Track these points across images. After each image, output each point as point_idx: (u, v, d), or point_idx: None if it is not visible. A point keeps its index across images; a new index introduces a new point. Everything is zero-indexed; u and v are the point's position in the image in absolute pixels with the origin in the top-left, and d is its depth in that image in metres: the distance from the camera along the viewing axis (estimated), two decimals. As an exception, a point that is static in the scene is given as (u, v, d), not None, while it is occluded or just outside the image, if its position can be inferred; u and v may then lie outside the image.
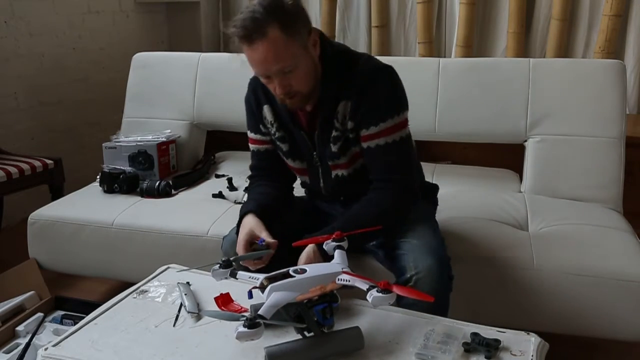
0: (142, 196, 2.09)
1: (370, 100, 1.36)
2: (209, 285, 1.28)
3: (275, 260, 1.33)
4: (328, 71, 1.38)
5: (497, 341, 1.08)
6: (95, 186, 2.20)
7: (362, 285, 1.08)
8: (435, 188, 1.70)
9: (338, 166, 1.47)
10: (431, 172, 2.28)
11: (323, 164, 1.49)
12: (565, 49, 3.00)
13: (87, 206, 2.04)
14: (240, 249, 1.34)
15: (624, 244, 1.68)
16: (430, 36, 3.16)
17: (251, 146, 1.58)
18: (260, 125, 1.52)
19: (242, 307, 1.20)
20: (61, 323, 1.80)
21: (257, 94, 1.50)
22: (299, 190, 1.68)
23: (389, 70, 1.40)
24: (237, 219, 1.46)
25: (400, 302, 1.20)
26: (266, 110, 1.49)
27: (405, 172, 1.42)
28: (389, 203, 1.39)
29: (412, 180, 1.43)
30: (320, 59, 1.37)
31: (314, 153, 1.48)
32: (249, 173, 1.62)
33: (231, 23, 1.27)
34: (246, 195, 2.06)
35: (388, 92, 1.38)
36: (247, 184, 2.15)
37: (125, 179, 2.12)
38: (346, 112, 1.39)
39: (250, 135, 1.56)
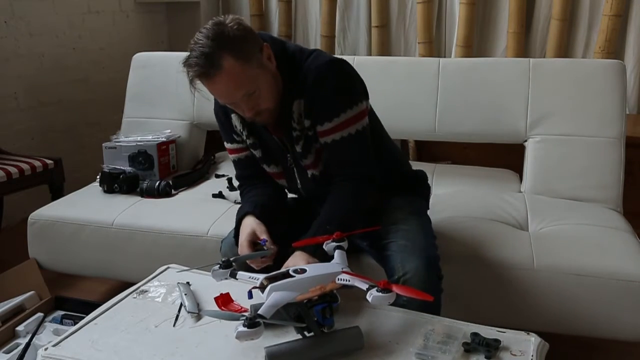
0: (142, 196, 2.09)
1: (322, 96, 1.36)
2: (209, 285, 1.28)
3: (275, 261, 1.33)
4: (284, 75, 1.38)
5: (497, 341, 1.08)
6: (95, 186, 2.20)
7: (362, 285, 1.08)
8: (423, 176, 1.68)
9: (309, 166, 1.46)
10: (431, 172, 2.27)
11: (297, 165, 1.48)
12: (565, 49, 3.00)
13: (87, 206, 2.04)
14: (243, 252, 1.34)
15: (624, 244, 1.68)
16: (430, 36, 3.16)
17: (231, 156, 1.58)
18: (233, 135, 1.51)
19: (242, 307, 1.20)
20: (61, 323, 1.80)
21: (224, 105, 1.47)
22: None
23: (338, 64, 1.39)
24: (235, 223, 1.45)
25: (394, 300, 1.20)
26: (234, 119, 1.48)
27: (363, 166, 1.41)
28: (350, 201, 1.38)
29: (371, 173, 1.42)
30: (277, 63, 1.37)
31: (288, 155, 1.47)
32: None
33: (184, 62, 1.27)
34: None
35: (338, 87, 1.37)
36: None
37: (125, 179, 2.12)
38: (300, 110, 1.39)
39: (227, 145, 1.56)
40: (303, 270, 1.13)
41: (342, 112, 1.36)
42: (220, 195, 2.09)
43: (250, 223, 1.39)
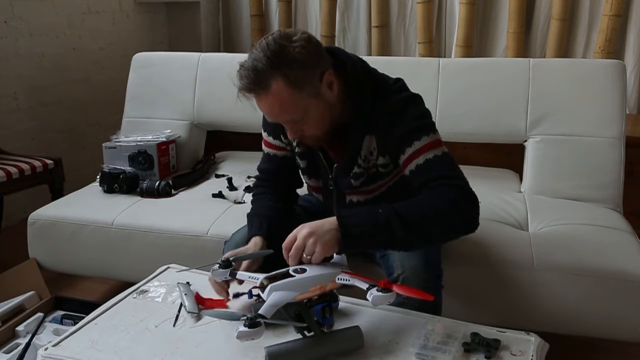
0: (142, 196, 2.09)
1: (399, 127, 1.28)
2: (209, 285, 1.28)
3: (276, 261, 1.32)
4: (360, 104, 1.31)
5: (497, 341, 1.08)
6: (95, 186, 2.20)
7: (362, 284, 1.08)
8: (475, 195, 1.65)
9: (355, 193, 1.43)
10: (431, 172, 2.27)
11: (337, 189, 1.45)
12: (565, 49, 3.01)
13: (87, 206, 2.04)
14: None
15: (624, 244, 1.68)
16: (430, 36, 3.16)
17: (266, 149, 1.51)
18: (281, 135, 1.46)
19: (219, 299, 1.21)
20: (61, 323, 1.80)
21: None
22: (302, 190, 1.66)
23: (416, 99, 1.34)
24: (247, 229, 1.41)
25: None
26: None
27: (456, 177, 1.24)
28: (444, 199, 1.19)
29: (466, 184, 1.24)
30: (347, 91, 1.30)
31: (330, 176, 1.44)
32: (249, 173, 1.60)
33: (238, 69, 1.21)
34: (246, 196, 2.05)
35: (416, 116, 1.30)
36: (247, 184, 2.16)
37: (125, 179, 2.12)
38: (371, 148, 1.34)
39: (268, 138, 1.49)
40: (303, 270, 1.13)
41: (425, 135, 1.26)
42: (220, 195, 2.09)
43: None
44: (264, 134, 1.50)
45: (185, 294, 1.27)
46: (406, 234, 1.14)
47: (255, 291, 1.17)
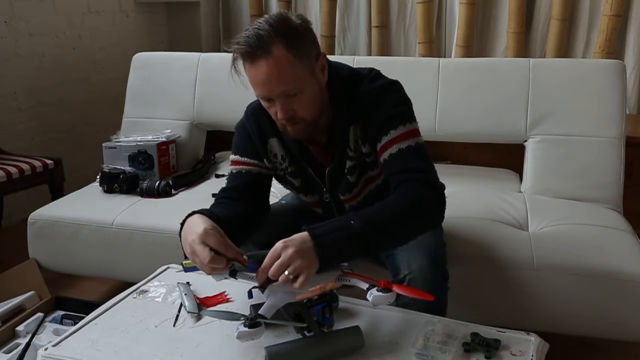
0: (142, 196, 2.09)
1: (377, 114, 1.29)
2: (209, 285, 1.28)
3: None
4: (338, 99, 1.32)
5: (497, 341, 1.08)
6: (95, 186, 2.20)
7: (362, 284, 1.08)
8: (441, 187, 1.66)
9: (353, 198, 1.43)
10: (431, 172, 2.27)
11: (335, 199, 1.45)
12: (565, 49, 3.01)
13: (87, 206, 2.04)
14: (204, 259, 1.10)
15: (624, 244, 1.68)
16: (430, 36, 3.16)
17: (236, 167, 1.43)
18: (265, 160, 1.42)
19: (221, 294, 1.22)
20: (61, 323, 1.80)
21: (261, 126, 1.40)
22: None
23: (395, 86, 1.34)
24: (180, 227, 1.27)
25: (397, 301, 1.20)
26: (274, 143, 1.40)
27: (424, 170, 1.26)
28: (409, 198, 1.20)
29: (433, 177, 1.26)
30: (327, 85, 1.31)
31: (324, 189, 1.43)
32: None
33: (234, 40, 1.21)
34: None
35: (394, 104, 1.31)
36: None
37: (125, 179, 2.12)
38: (357, 137, 1.34)
39: (235, 158, 1.43)
40: (303, 270, 1.13)
41: (401, 124, 1.28)
42: (220, 195, 2.09)
43: (206, 228, 1.15)
44: (237, 157, 1.43)
45: (185, 294, 1.27)
46: (382, 241, 1.15)
47: (255, 291, 1.17)
